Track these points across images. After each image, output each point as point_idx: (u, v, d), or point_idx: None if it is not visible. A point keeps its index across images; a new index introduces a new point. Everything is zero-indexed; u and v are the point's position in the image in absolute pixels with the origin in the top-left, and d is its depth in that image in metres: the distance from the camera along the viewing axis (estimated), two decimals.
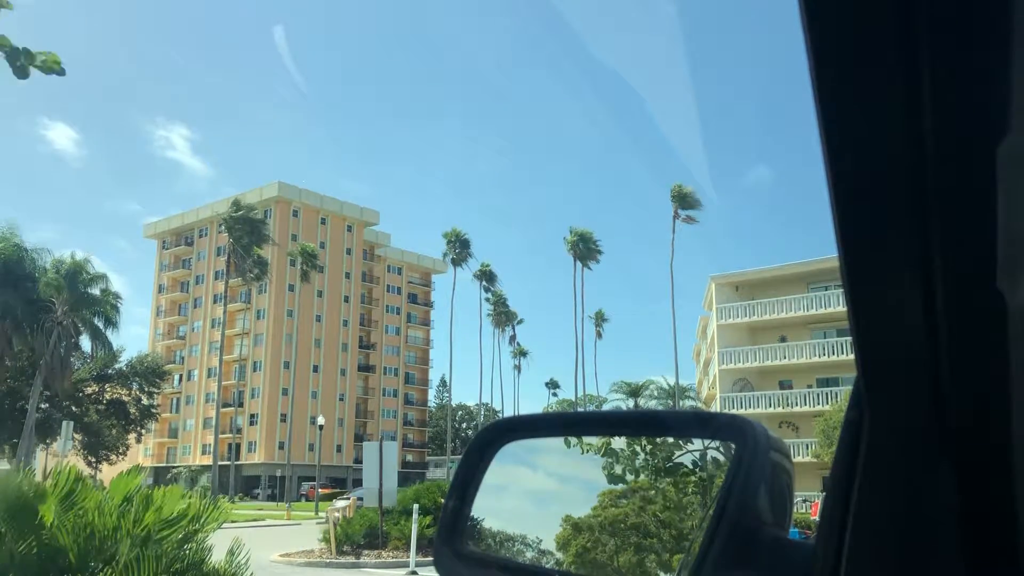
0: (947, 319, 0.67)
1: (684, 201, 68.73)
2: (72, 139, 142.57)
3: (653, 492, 1.24)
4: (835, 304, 46.32)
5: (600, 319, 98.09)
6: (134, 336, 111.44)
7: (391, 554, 21.74)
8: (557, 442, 1.31)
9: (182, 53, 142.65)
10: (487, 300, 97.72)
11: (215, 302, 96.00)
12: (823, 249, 46.22)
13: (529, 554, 1.28)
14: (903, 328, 0.70)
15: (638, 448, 1.26)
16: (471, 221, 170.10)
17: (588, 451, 1.28)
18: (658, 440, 1.25)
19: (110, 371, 60.29)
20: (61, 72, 5.14)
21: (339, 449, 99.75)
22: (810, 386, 48.65)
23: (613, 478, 1.23)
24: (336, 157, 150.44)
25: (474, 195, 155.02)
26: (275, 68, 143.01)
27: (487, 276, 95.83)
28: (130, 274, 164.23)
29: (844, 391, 43.12)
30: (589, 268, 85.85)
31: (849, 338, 0.60)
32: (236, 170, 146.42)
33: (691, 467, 1.21)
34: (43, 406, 52.66)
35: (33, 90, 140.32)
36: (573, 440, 1.32)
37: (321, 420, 58.13)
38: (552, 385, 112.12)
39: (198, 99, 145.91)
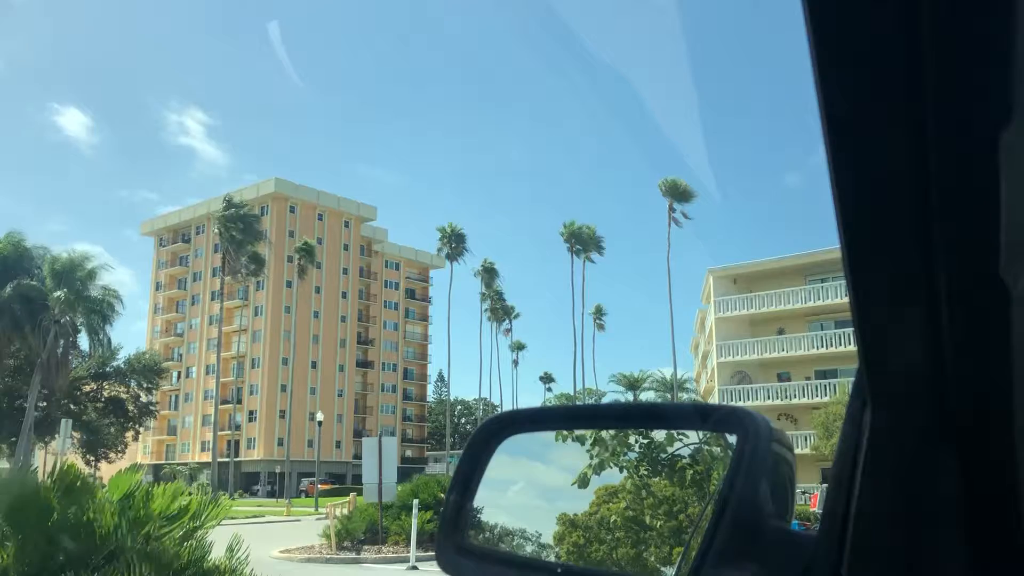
0: (949, 309, 0.67)
1: (677, 193, 68.71)
2: (84, 125, 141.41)
3: (650, 485, 1.24)
4: (833, 296, 46.34)
5: (599, 314, 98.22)
6: (141, 330, 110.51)
7: (391, 549, 21.75)
8: (567, 436, 1.32)
9: (196, 36, 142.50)
10: (485, 296, 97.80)
11: (213, 299, 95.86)
12: (821, 241, 46.27)
13: (529, 548, 1.28)
14: (905, 318, 0.70)
15: (632, 441, 1.26)
16: (468, 214, 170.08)
17: (579, 444, 1.28)
18: (655, 433, 1.25)
19: (108, 369, 60.21)
20: None
21: (338, 445, 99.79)
22: (808, 378, 48.68)
23: (584, 481, 1.23)
24: (334, 150, 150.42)
25: (472, 188, 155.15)
26: (276, 60, 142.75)
27: (488, 272, 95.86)
28: (140, 265, 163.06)
29: (842, 383, 43.17)
30: (592, 261, 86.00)
31: (848, 330, 0.71)
32: (251, 157, 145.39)
33: (690, 460, 1.21)
34: (41, 404, 52.60)
35: (41, 73, 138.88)
36: (569, 433, 1.32)
37: (320, 416, 58.10)
38: (546, 379, 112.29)
39: (212, 83, 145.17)
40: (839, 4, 0.58)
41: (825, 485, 0.85)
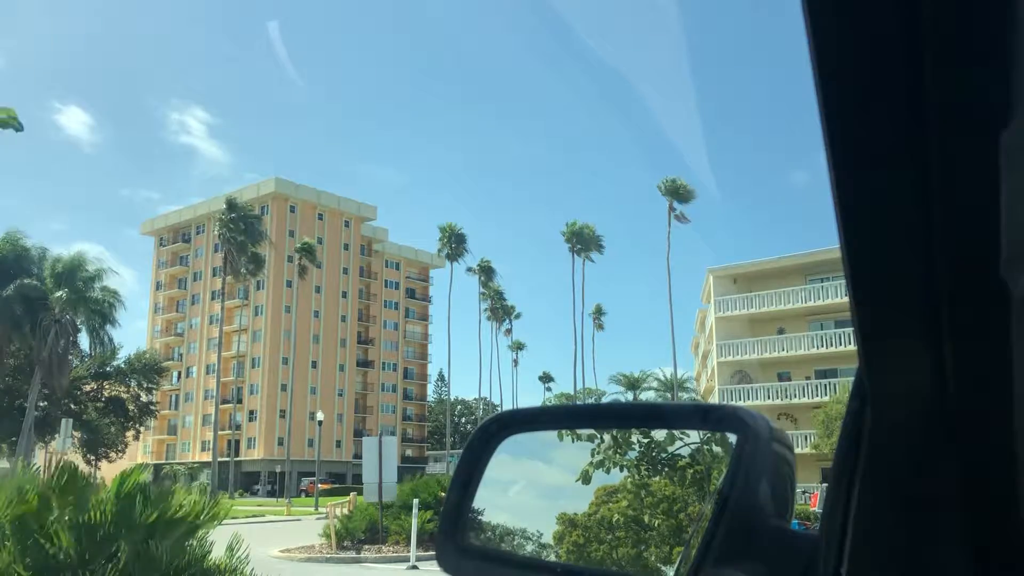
0: (949, 308, 0.67)
1: (678, 194, 68.73)
2: (85, 124, 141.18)
3: (650, 485, 1.24)
4: (833, 295, 46.34)
5: (599, 313, 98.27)
6: (142, 330, 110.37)
7: (391, 549, 21.77)
8: (567, 435, 1.32)
9: (197, 34, 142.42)
10: (483, 295, 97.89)
11: (213, 299, 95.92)
12: (821, 240, 46.29)
13: (530, 548, 1.28)
14: (905, 317, 0.70)
15: (633, 440, 1.26)
16: (468, 214, 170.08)
17: (580, 440, 1.28)
18: (655, 433, 1.25)
19: (108, 368, 60.22)
20: (19, 128, 5.19)
21: (338, 444, 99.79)
22: (808, 378, 48.69)
23: (586, 477, 1.23)
24: (335, 150, 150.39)
25: (472, 188, 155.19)
26: (277, 59, 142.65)
27: (485, 271, 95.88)
28: (140, 264, 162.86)
29: (842, 382, 43.17)
30: (591, 260, 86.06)
31: (847, 329, 0.70)
32: (252, 155, 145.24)
33: (690, 459, 1.21)
34: (42, 404, 52.60)
35: (43, 71, 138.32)
36: (573, 433, 1.32)
37: (320, 416, 58.07)
38: (546, 379, 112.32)
39: (214, 82, 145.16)
40: (839, 4, 0.57)
41: (825, 484, 0.86)
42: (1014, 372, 0.65)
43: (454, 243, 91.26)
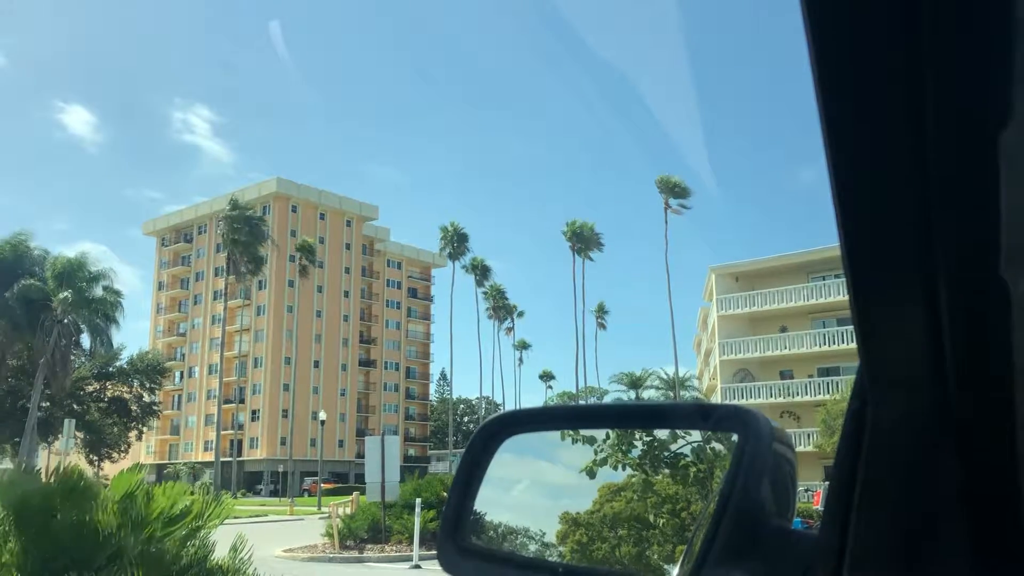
0: (950, 307, 0.67)
1: (674, 191, 68.66)
2: (89, 123, 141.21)
3: (653, 484, 1.24)
4: (835, 293, 46.30)
5: (601, 312, 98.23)
6: (144, 329, 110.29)
7: (394, 548, 21.78)
8: (571, 434, 1.31)
9: (200, 33, 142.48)
10: (484, 294, 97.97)
11: (215, 299, 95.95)
12: (823, 238, 46.20)
13: (532, 547, 1.28)
14: (905, 319, 0.70)
15: (635, 440, 1.26)
16: (470, 213, 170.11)
17: (581, 443, 1.27)
18: (657, 432, 1.25)
19: (111, 369, 60.26)
20: None
21: (341, 444, 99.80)
22: (811, 376, 48.65)
23: (591, 472, 1.23)
24: (338, 149, 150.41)
25: (473, 187, 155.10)
26: (279, 59, 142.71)
27: (481, 269, 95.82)
28: (145, 264, 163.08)
29: (845, 380, 43.10)
30: (591, 259, 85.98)
31: (850, 327, 0.69)
32: (256, 155, 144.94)
33: (692, 458, 1.21)
34: (44, 405, 52.62)
35: (46, 70, 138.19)
36: (575, 434, 1.31)
37: (323, 415, 58.13)
38: (546, 377, 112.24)
39: (216, 81, 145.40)
40: (839, 5, 0.58)
41: (828, 483, 0.85)
42: (1014, 373, 0.66)
43: (456, 242, 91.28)
